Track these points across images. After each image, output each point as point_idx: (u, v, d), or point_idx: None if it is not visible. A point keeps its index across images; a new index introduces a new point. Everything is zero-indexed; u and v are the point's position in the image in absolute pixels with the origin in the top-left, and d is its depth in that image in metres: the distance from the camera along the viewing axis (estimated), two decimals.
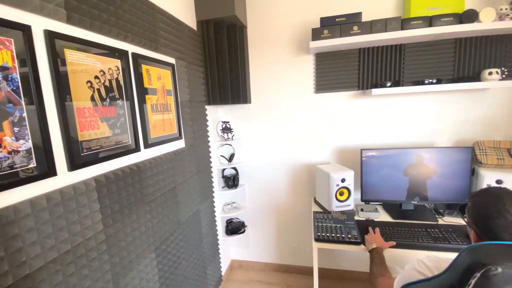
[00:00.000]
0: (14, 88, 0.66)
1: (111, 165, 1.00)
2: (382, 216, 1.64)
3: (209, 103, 1.84)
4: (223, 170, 2.16)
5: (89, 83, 0.89)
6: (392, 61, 1.74)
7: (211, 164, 1.91)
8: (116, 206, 0.99)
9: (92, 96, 0.91)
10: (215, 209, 1.98)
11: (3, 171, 0.64)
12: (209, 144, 1.88)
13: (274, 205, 2.21)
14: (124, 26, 1.06)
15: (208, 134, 1.88)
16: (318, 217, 1.62)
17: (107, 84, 0.97)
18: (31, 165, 0.70)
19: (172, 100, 1.41)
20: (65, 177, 0.81)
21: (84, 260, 0.85)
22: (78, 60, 0.85)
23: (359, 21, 1.60)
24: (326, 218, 1.60)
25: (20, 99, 0.68)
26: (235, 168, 2.14)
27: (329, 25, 1.64)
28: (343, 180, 1.63)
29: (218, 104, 1.84)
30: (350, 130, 1.93)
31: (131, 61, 1.10)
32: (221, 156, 2.12)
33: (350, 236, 1.41)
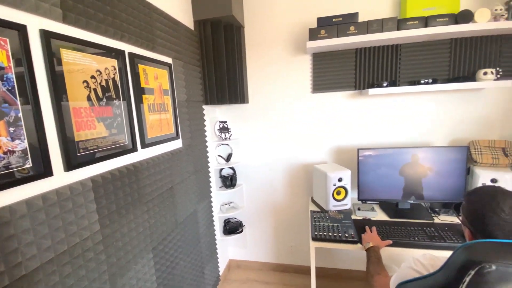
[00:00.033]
0: (10, 88, 0.66)
1: (107, 165, 0.99)
2: (379, 215, 1.65)
3: (206, 103, 1.84)
4: (221, 170, 2.16)
5: (85, 83, 0.89)
6: (388, 61, 1.75)
7: (209, 164, 1.91)
8: (113, 206, 0.99)
9: (89, 96, 0.90)
10: (213, 209, 1.98)
11: None
12: (206, 144, 1.88)
13: (272, 204, 2.21)
14: (121, 26, 1.05)
15: (205, 134, 1.87)
16: (315, 217, 1.62)
17: (103, 84, 0.97)
18: (27, 166, 0.70)
19: (169, 100, 1.41)
20: (61, 178, 0.81)
21: (81, 260, 0.84)
22: (74, 59, 0.85)
23: (355, 21, 1.61)
24: (323, 217, 1.61)
25: (16, 99, 0.67)
26: (232, 168, 2.14)
27: (326, 25, 1.65)
28: (340, 180, 1.64)
29: (216, 104, 1.84)
30: (347, 129, 1.94)
31: (127, 60, 1.10)
32: (218, 156, 2.12)
33: (347, 235, 1.42)
